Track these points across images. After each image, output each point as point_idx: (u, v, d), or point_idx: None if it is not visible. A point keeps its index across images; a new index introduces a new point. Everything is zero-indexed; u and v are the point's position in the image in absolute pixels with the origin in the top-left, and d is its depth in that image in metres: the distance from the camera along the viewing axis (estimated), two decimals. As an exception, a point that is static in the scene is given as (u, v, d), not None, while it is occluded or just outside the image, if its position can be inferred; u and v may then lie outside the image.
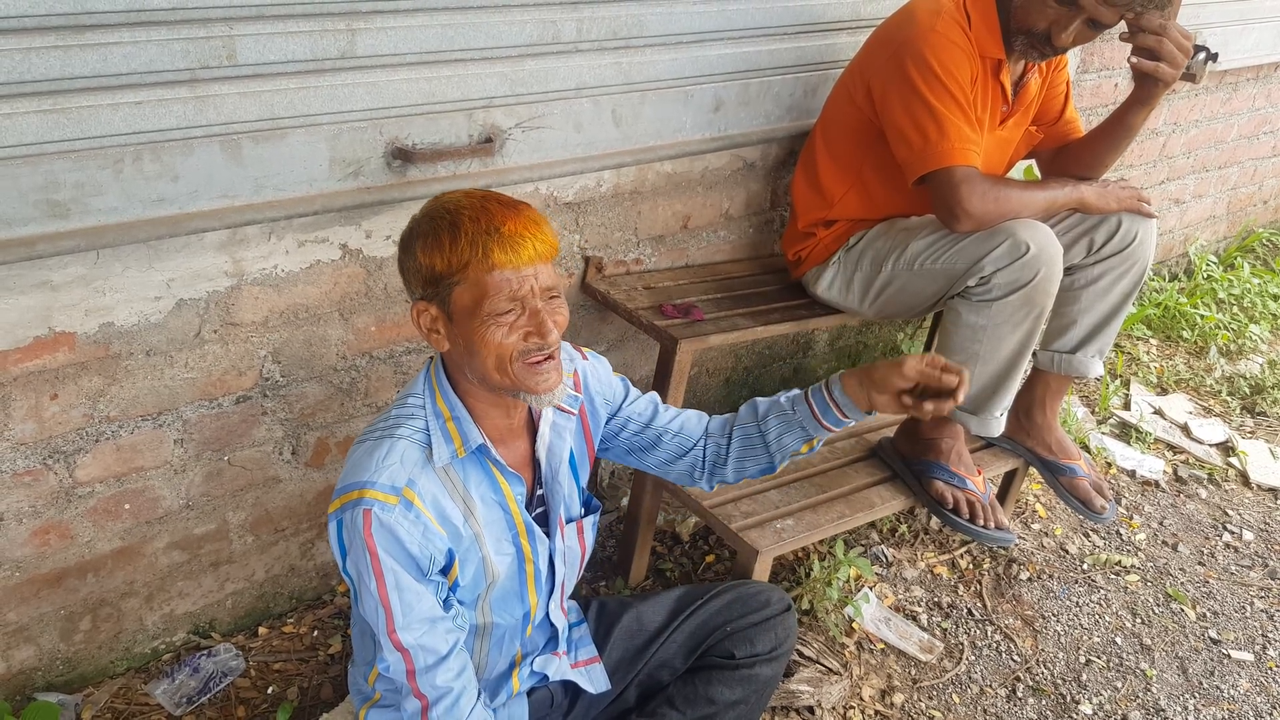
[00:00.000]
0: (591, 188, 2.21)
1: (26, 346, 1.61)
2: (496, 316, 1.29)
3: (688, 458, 1.65)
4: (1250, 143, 4.22)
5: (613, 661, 1.74)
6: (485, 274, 1.27)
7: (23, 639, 1.85)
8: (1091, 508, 2.38)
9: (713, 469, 1.66)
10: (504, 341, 1.30)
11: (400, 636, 1.33)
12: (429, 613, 1.35)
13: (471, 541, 1.42)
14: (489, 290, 1.28)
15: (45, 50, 1.42)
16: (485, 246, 1.26)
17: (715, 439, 1.64)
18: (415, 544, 1.32)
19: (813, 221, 2.29)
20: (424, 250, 1.30)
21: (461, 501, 1.40)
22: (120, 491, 1.83)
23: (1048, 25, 1.95)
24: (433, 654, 1.35)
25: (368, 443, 1.37)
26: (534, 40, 1.91)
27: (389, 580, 1.31)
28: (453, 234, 1.28)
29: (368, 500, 1.30)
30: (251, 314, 1.83)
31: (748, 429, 1.61)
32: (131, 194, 1.59)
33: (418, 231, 1.32)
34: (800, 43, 2.35)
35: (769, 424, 1.58)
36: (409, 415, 1.39)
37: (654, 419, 1.65)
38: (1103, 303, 2.22)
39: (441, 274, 1.30)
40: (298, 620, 2.18)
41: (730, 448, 1.62)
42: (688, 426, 1.65)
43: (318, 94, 1.70)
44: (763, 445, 1.60)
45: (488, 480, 1.44)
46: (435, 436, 1.37)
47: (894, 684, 2.18)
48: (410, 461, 1.35)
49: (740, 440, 1.62)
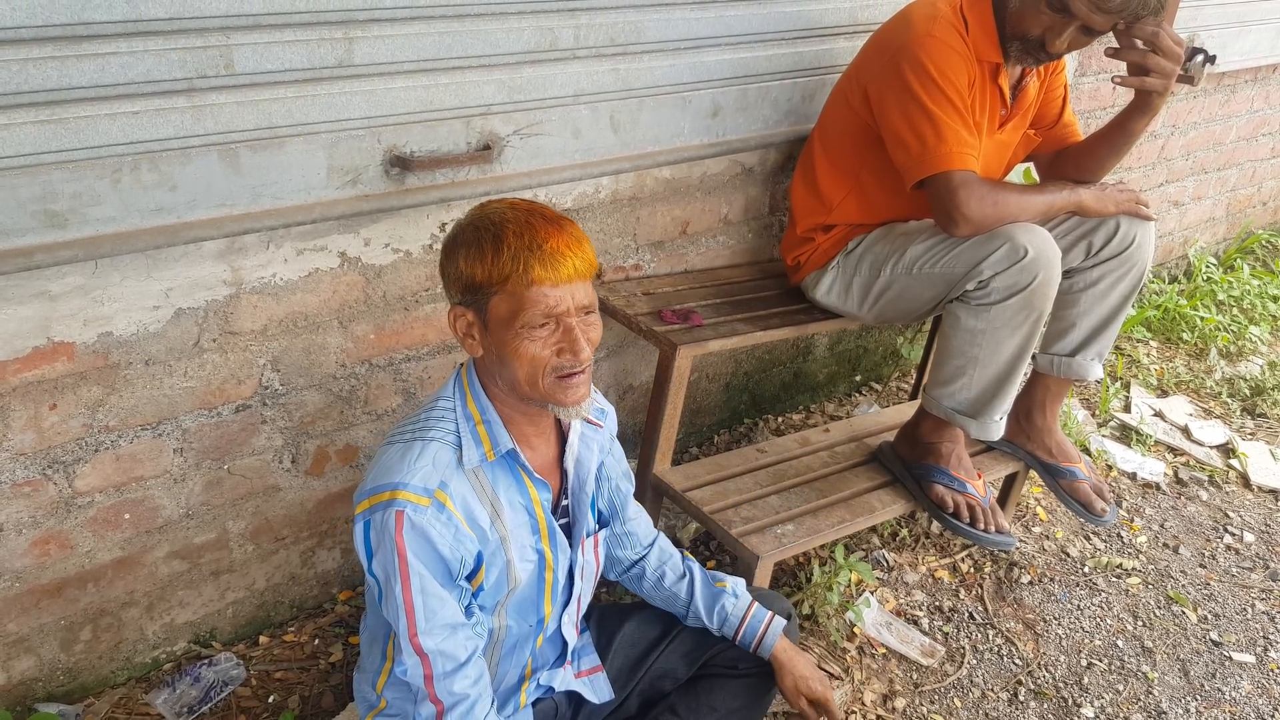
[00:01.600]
0: (590, 194, 2.21)
1: (25, 357, 1.61)
2: (531, 330, 1.30)
3: (619, 553, 1.75)
4: (1249, 144, 4.22)
5: (614, 670, 1.73)
6: (524, 288, 1.28)
7: (23, 650, 1.85)
8: (1092, 511, 2.38)
9: (629, 577, 1.78)
10: (537, 355, 1.32)
11: (421, 641, 1.33)
12: (451, 619, 1.35)
13: (497, 545, 1.42)
14: (526, 304, 1.29)
15: (43, 61, 1.42)
16: (526, 262, 1.27)
17: (656, 560, 1.75)
18: (447, 546, 1.33)
19: (811, 226, 2.29)
20: (466, 259, 1.31)
21: (489, 504, 1.41)
22: (120, 501, 1.83)
23: (1042, 31, 1.95)
24: (452, 660, 1.35)
25: (398, 444, 1.38)
26: (531, 47, 1.91)
27: (415, 584, 1.32)
28: (495, 246, 1.29)
29: (400, 501, 1.31)
30: (250, 323, 1.83)
31: (667, 595, 1.74)
32: (129, 204, 1.59)
33: (461, 239, 1.33)
34: (798, 48, 2.35)
35: (698, 604, 1.70)
36: (440, 418, 1.40)
37: (627, 502, 1.71)
38: (1102, 305, 2.22)
39: (481, 283, 1.31)
40: (298, 629, 2.18)
41: (646, 584, 1.76)
42: (638, 529, 1.75)
43: (315, 103, 1.70)
44: (666, 601, 1.75)
45: (516, 484, 1.44)
46: (466, 439, 1.39)
47: (896, 688, 2.18)
48: (443, 463, 1.36)
49: (664, 594, 1.75)
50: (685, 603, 1.71)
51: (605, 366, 2.49)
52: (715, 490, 2.19)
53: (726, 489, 2.20)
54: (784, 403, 3.07)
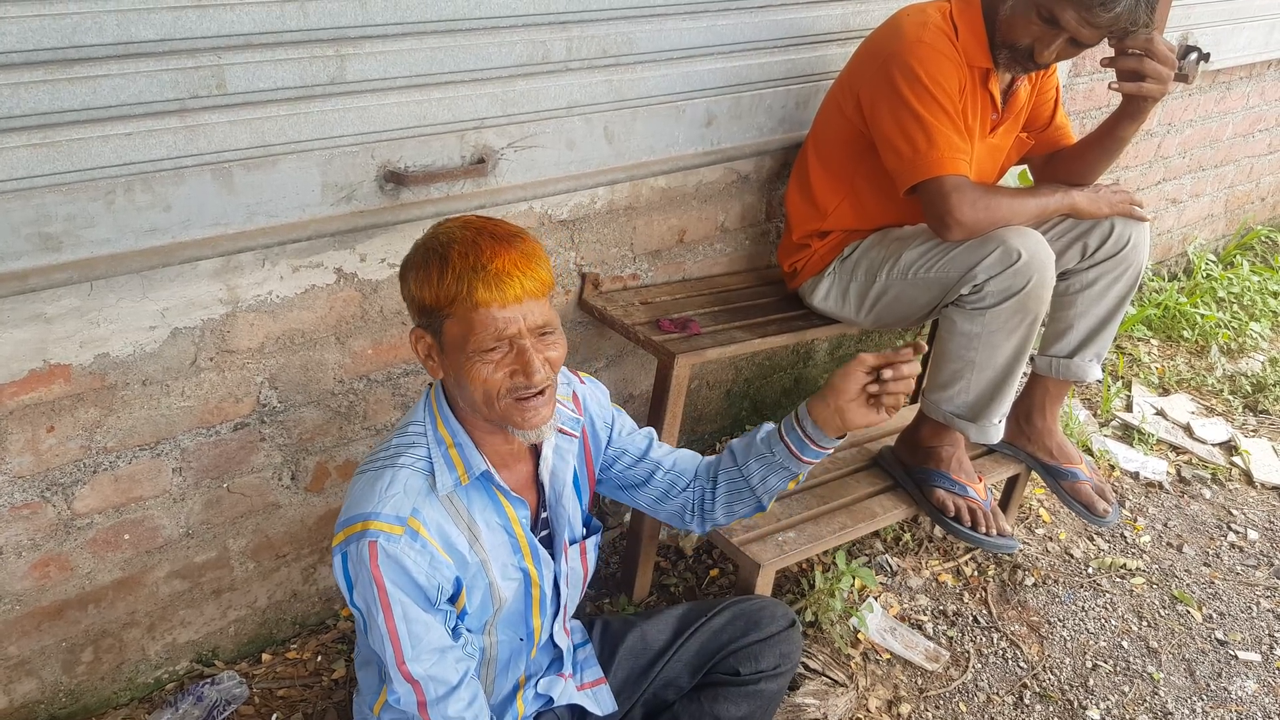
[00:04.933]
0: (586, 205, 2.21)
1: (22, 379, 1.61)
2: (482, 354, 1.28)
3: (679, 497, 1.64)
4: (1245, 141, 4.22)
5: (618, 681, 1.73)
6: (471, 311, 1.26)
7: (25, 672, 1.84)
8: (1094, 511, 2.37)
9: (703, 512, 1.64)
10: (490, 378, 1.29)
11: (410, 668, 1.32)
12: (438, 643, 1.34)
13: (478, 568, 1.41)
14: (475, 327, 1.27)
15: (34, 85, 1.43)
16: (470, 284, 1.24)
17: (702, 482, 1.63)
18: (422, 574, 1.31)
19: (807, 233, 2.29)
20: (416, 281, 1.30)
21: (466, 528, 1.39)
22: (119, 522, 1.83)
23: (1031, 41, 1.95)
24: (443, 684, 1.34)
25: (369, 473, 1.36)
26: (524, 60, 1.91)
27: (396, 612, 1.30)
28: (441, 268, 1.26)
29: (372, 532, 1.29)
30: (247, 340, 1.83)
31: (731, 474, 1.60)
32: (124, 225, 1.59)
33: (412, 261, 1.32)
34: (790, 55, 2.36)
35: (751, 469, 1.57)
36: (410, 443, 1.38)
37: (648, 452, 1.64)
38: (1098, 307, 2.22)
39: (431, 306, 1.29)
40: (301, 646, 2.18)
41: (717, 492, 1.61)
42: (680, 464, 1.64)
43: (308, 120, 1.70)
44: (748, 490, 1.59)
45: (492, 505, 1.43)
46: (438, 464, 1.37)
47: (901, 694, 2.17)
48: (414, 490, 1.33)
49: (726, 485, 1.60)
50: (737, 470, 1.58)
51: (605, 376, 2.49)
52: (716, 499, 2.19)
53: (727, 497, 2.20)
54: (785, 408, 3.06)
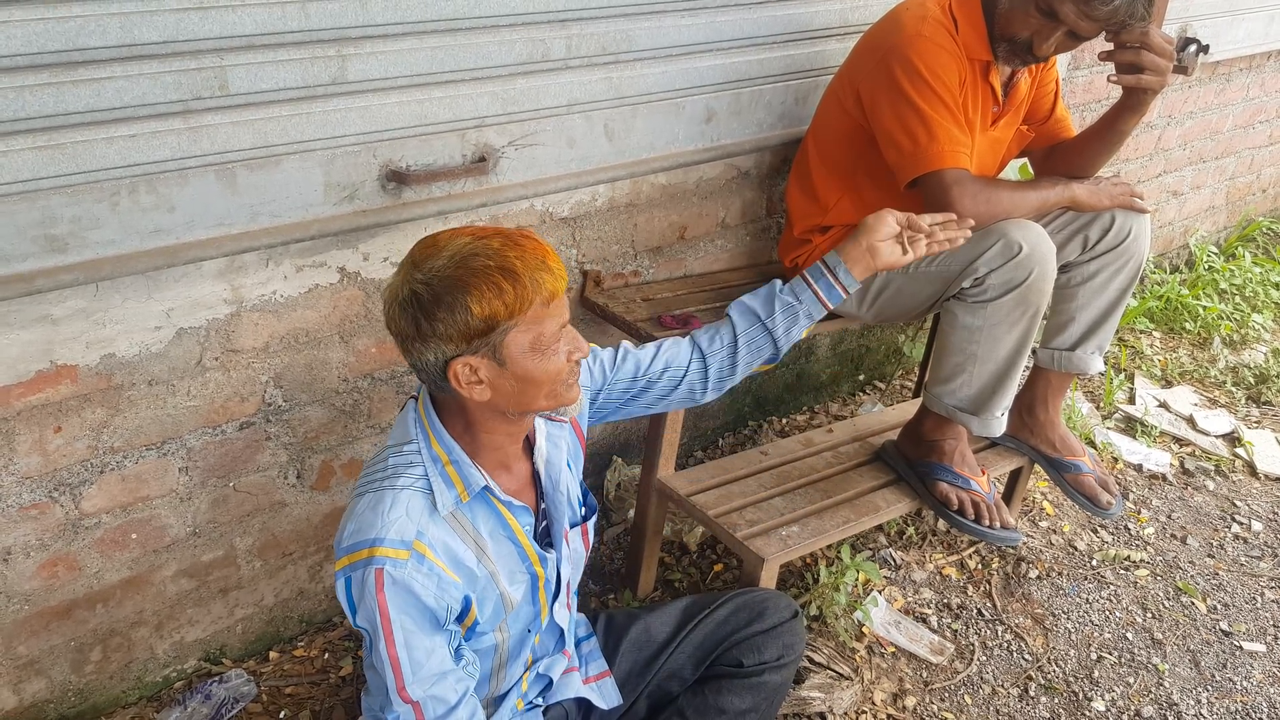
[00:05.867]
0: (587, 202, 2.22)
1: (29, 380, 1.62)
2: (554, 346, 1.32)
3: (683, 386, 1.67)
4: (1246, 132, 4.22)
5: (622, 674, 1.74)
6: (543, 308, 1.28)
7: (34, 672, 1.86)
8: (1098, 504, 2.38)
9: (719, 380, 1.68)
10: (560, 366, 1.33)
11: (410, 692, 1.32)
12: (439, 667, 1.34)
13: (488, 580, 1.42)
14: (545, 322, 1.30)
15: (39, 88, 1.44)
16: (539, 280, 1.26)
17: (715, 354, 1.66)
18: (430, 597, 1.31)
19: (808, 228, 2.30)
20: (478, 301, 1.23)
21: (474, 542, 1.40)
22: (127, 521, 1.84)
23: (1030, 34, 1.96)
24: (443, 704, 1.35)
25: (368, 495, 1.34)
26: (524, 59, 1.92)
27: (399, 639, 1.30)
28: (512, 278, 1.23)
29: (379, 559, 1.28)
30: (252, 340, 1.84)
31: (753, 333, 1.65)
32: (128, 226, 1.60)
33: (459, 287, 1.23)
34: (789, 51, 2.36)
35: (776, 321, 1.64)
36: (407, 463, 1.36)
37: (636, 371, 1.64)
38: (1100, 299, 2.22)
39: (501, 320, 1.25)
40: (308, 643, 2.19)
41: (737, 355, 1.65)
42: (674, 359, 1.66)
43: (310, 120, 1.71)
44: (770, 341, 1.66)
45: (495, 517, 1.43)
46: (436, 483, 1.36)
47: (906, 687, 2.18)
48: (416, 512, 1.33)
49: (747, 344, 1.65)
50: (759, 325, 1.66)
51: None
52: (719, 494, 2.20)
53: (731, 492, 2.21)
54: (788, 404, 3.07)
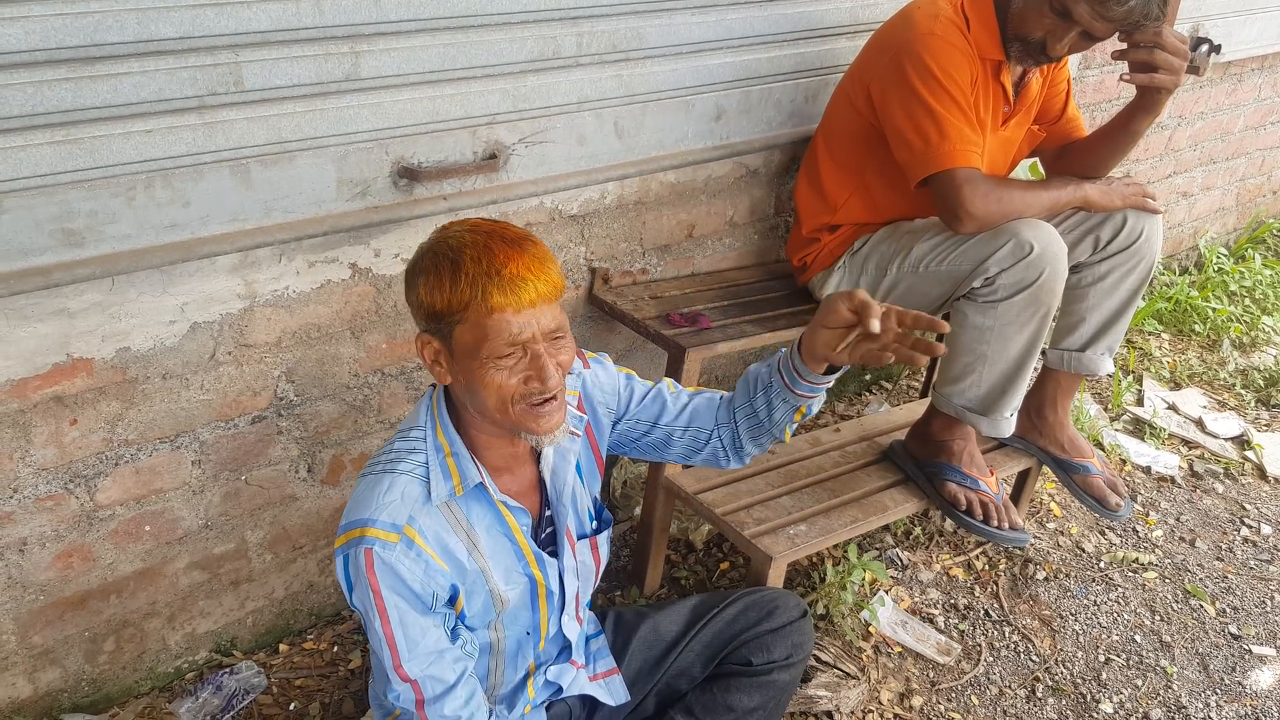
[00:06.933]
0: (596, 200, 2.23)
1: (45, 373, 1.64)
2: (497, 360, 1.27)
3: (706, 449, 1.61)
4: (1257, 133, 4.20)
5: (631, 672, 1.74)
6: (485, 317, 1.25)
7: (48, 661, 1.87)
8: (1106, 505, 2.38)
9: (737, 450, 1.61)
10: (505, 384, 1.28)
11: (407, 670, 1.34)
12: (434, 645, 1.35)
13: (477, 575, 1.42)
14: (489, 333, 1.25)
15: (57, 83, 1.45)
16: (485, 289, 1.23)
17: (727, 424, 1.60)
18: (417, 582, 1.33)
19: (817, 227, 2.30)
20: (425, 287, 1.28)
21: (465, 535, 1.40)
22: (140, 513, 1.86)
23: (1043, 34, 1.96)
24: (440, 683, 1.36)
25: (370, 476, 1.37)
26: (535, 56, 1.93)
27: (393, 617, 1.32)
28: (454, 273, 1.25)
29: (369, 539, 1.30)
30: (264, 335, 1.85)
31: (746, 410, 1.57)
32: (144, 221, 1.62)
33: (420, 267, 1.29)
34: (799, 49, 2.37)
35: (759, 402, 1.54)
36: (411, 449, 1.38)
37: (660, 418, 1.60)
38: (1110, 300, 2.22)
39: (442, 312, 1.28)
40: (318, 636, 2.20)
41: (739, 429, 1.58)
42: (698, 419, 1.60)
43: (324, 116, 1.72)
44: (759, 423, 1.56)
45: (492, 513, 1.43)
46: (434, 472, 1.36)
47: (912, 687, 2.18)
48: (410, 498, 1.34)
49: (745, 420, 1.57)
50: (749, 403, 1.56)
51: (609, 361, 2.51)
52: (727, 492, 2.20)
53: (738, 490, 2.21)
54: (795, 403, 3.07)
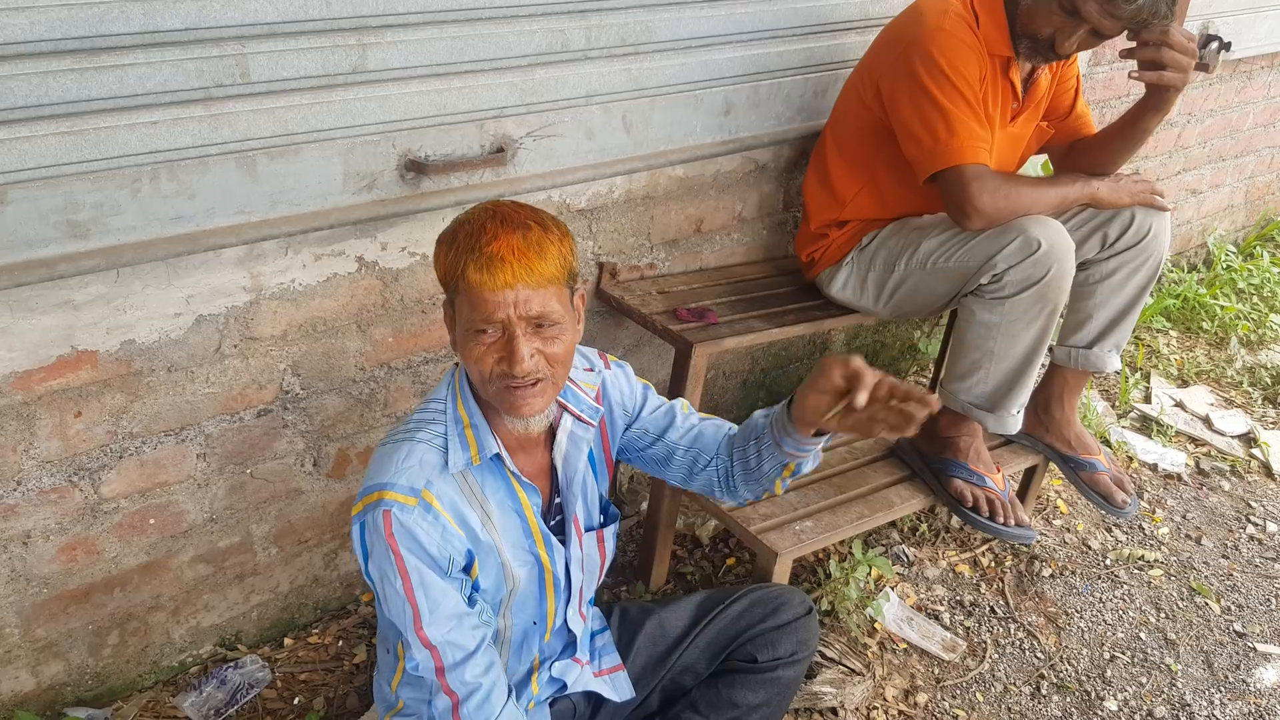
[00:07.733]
0: (604, 194, 2.22)
1: (50, 365, 1.64)
2: (474, 333, 1.30)
3: (703, 474, 1.61)
4: (1266, 131, 4.18)
5: (636, 668, 1.74)
6: (467, 290, 1.28)
7: (52, 654, 1.87)
8: (1113, 503, 2.37)
9: (727, 487, 1.60)
10: (481, 359, 1.31)
11: (428, 633, 1.34)
12: (455, 609, 1.36)
13: (490, 547, 1.43)
14: (471, 306, 1.29)
15: (62, 73, 1.44)
16: (464, 263, 1.27)
17: (724, 458, 1.59)
18: (434, 545, 1.34)
19: (825, 222, 2.29)
20: (436, 254, 1.34)
21: (479, 507, 1.42)
22: (145, 507, 1.85)
23: (1052, 32, 1.95)
24: (460, 650, 1.36)
25: (388, 445, 1.40)
26: (543, 49, 1.92)
27: (414, 578, 1.33)
28: (449, 245, 1.30)
29: (387, 501, 1.33)
30: (270, 328, 1.85)
31: (740, 455, 1.55)
32: (149, 213, 1.61)
33: (441, 235, 1.35)
34: (809, 44, 2.35)
35: (749, 451, 1.52)
36: (430, 420, 1.42)
37: (666, 432, 1.62)
38: (1118, 297, 2.21)
39: (443, 280, 1.34)
40: (323, 630, 2.20)
41: (734, 470, 1.57)
42: (702, 441, 1.60)
43: (330, 109, 1.71)
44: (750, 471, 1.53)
45: (505, 488, 1.45)
46: (452, 442, 1.39)
47: (917, 684, 2.18)
48: (428, 465, 1.37)
49: (739, 464, 1.55)
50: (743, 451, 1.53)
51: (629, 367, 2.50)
52: (733, 487, 2.20)
53: (744, 486, 2.21)
54: (801, 399, 3.06)
